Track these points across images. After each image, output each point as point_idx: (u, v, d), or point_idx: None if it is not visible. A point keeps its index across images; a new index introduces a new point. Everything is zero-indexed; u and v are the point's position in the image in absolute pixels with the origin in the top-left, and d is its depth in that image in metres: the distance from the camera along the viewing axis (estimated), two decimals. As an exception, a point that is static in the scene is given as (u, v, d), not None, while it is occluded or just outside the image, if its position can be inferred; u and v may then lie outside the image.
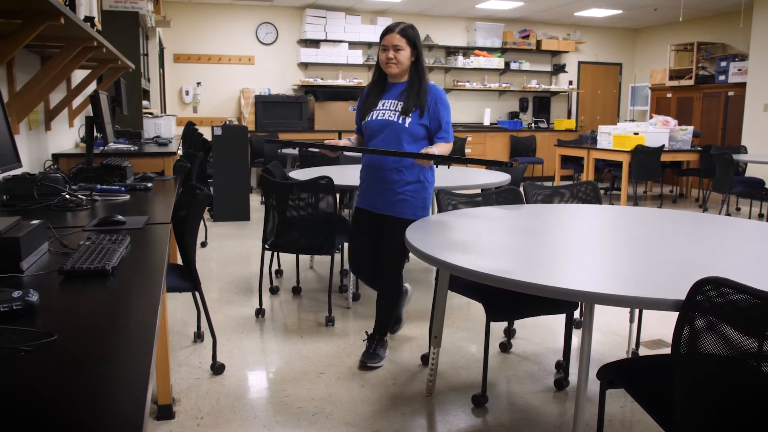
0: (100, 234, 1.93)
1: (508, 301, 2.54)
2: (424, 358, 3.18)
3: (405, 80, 2.95)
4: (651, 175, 7.93)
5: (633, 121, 10.87)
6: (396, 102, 2.92)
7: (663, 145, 7.80)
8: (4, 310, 1.24)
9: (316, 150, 3.22)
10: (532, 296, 1.75)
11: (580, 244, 2.38)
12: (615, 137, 8.03)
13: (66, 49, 2.77)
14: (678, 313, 1.49)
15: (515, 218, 2.84)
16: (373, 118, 2.95)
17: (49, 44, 2.94)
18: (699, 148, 8.24)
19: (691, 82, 10.11)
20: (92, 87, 4.71)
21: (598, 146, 8.34)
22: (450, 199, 3.08)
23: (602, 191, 9.13)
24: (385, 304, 3.15)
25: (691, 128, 8.28)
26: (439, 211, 3.03)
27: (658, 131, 7.99)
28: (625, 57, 11.97)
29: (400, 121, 2.88)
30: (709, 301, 1.43)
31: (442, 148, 2.87)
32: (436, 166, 2.73)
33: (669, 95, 10.63)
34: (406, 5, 9.64)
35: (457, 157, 3.43)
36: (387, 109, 2.92)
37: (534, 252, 2.22)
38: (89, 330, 1.23)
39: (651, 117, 8.94)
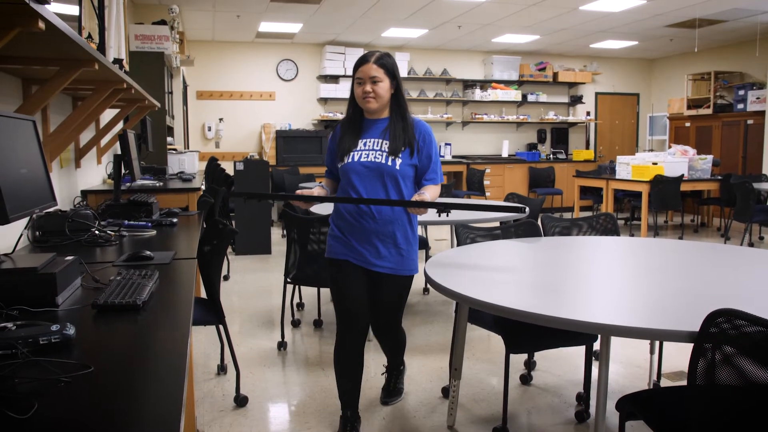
0: (130, 269, 2.01)
1: (526, 333, 2.56)
2: (445, 391, 3.19)
3: (386, 116, 2.59)
4: (671, 205, 7.90)
5: (652, 150, 10.87)
6: (380, 141, 2.54)
7: (682, 175, 7.79)
8: (43, 343, 1.31)
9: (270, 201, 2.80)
10: (550, 328, 1.78)
11: (597, 277, 2.41)
12: (634, 167, 8.03)
13: (97, 92, 2.89)
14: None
15: (533, 251, 2.88)
16: (355, 159, 2.54)
17: (81, 87, 3.07)
18: (719, 177, 8.22)
19: (709, 111, 10.11)
20: (119, 125, 4.85)
21: (617, 176, 8.34)
22: (468, 233, 3.12)
23: (622, 222, 9.11)
24: (394, 349, 3.00)
25: (710, 157, 8.26)
26: (458, 244, 3.07)
27: (677, 161, 7.99)
28: (642, 87, 12.02)
29: (389, 164, 2.50)
30: (723, 333, 1.46)
31: (433, 192, 2.55)
32: (439, 215, 2.39)
33: (687, 124, 10.63)
34: (423, 40, 9.82)
35: (462, 203, 2.90)
36: (371, 150, 2.54)
37: (551, 285, 2.25)
38: (123, 362, 1.30)
39: (670, 146, 8.94)
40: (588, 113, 11.55)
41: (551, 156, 11.13)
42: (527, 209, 1.98)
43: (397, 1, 7.30)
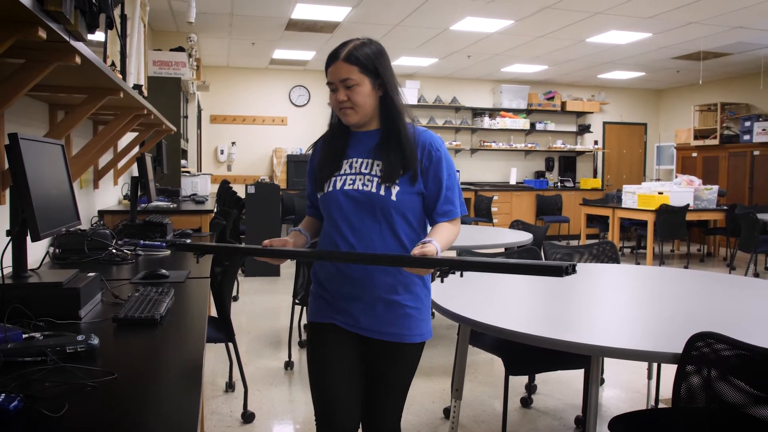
0: (147, 286, 2.12)
1: (526, 355, 2.64)
2: (447, 411, 3.27)
3: (376, 127, 1.88)
4: (676, 234, 7.97)
5: (659, 180, 10.96)
6: (370, 162, 1.84)
7: (687, 205, 7.87)
8: (70, 351, 1.42)
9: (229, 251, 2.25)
10: (549, 351, 1.86)
11: (594, 302, 2.50)
12: (639, 196, 8.12)
13: (119, 117, 3.04)
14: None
15: (534, 277, 2.97)
16: (337, 187, 1.84)
17: (103, 112, 3.22)
18: (725, 207, 8.29)
19: (716, 142, 10.21)
20: (136, 148, 5.01)
21: (624, 205, 8.43)
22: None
23: (629, 250, 9.16)
24: None
25: (716, 188, 8.34)
26: (461, 268, 3.17)
27: (683, 190, 8.07)
28: (650, 117, 12.14)
29: (383, 193, 1.78)
30: (703, 356, 1.55)
31: (446, 235, 1.79)
32: (459, 276, 1.61)
33: (694, 155, 10.72)
34: (433, 69, 10.01)
35: (480, 262, 1.66)
36: (358, 174, 1.83)
37: (549, 309, 2.35)
38: (143, 372, 1.40)
39: (676, 176, 9.04)
40: (596, 142, 11.67)
41: (559, 184, 11.24)
42: (573, 267, 1.49)
43: (408, 32, 7.50)
